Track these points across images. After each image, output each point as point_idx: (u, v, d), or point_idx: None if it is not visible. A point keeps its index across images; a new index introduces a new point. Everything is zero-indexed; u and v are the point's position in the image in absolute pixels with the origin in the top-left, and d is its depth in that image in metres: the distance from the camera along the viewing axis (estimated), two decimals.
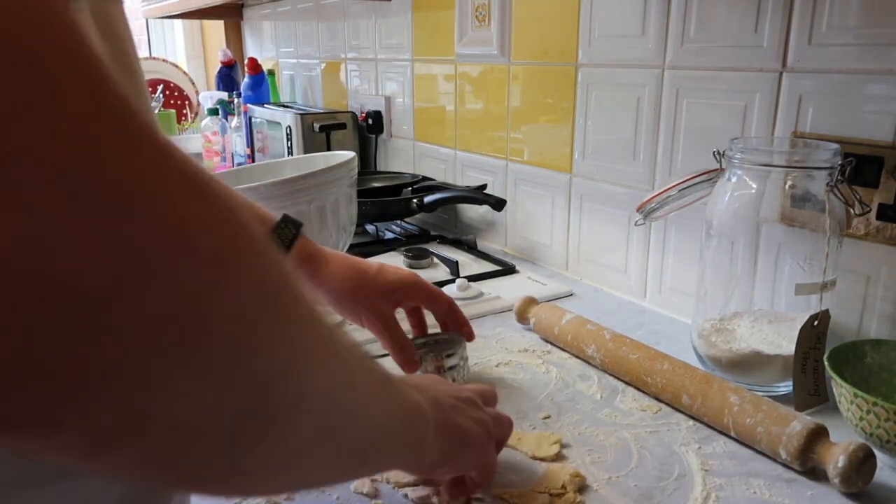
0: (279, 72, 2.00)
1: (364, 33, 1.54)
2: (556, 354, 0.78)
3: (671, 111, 0.86)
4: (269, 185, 0.81)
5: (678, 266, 0.89)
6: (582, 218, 1.03)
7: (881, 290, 0.69)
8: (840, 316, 0.71)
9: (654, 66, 0.87)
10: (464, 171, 1.28)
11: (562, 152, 1.04)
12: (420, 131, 1.41)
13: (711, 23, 0.79)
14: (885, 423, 0.54)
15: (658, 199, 0.77)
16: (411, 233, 1.25)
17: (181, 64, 2.82)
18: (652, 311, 0.92)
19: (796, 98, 0.72)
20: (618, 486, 0.54)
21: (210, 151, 1.84)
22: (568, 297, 0.97)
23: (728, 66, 0.79)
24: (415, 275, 0.70)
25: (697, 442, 0.60)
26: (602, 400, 0.68)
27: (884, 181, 0.66)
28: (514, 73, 1.12)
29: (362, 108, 1.55)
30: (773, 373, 0.67)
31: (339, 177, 0.87)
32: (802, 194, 0.67)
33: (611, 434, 0.61)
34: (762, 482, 0.55)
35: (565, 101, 1.02)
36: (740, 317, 0.72)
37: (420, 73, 1.37)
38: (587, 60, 0.97)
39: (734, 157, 0.67)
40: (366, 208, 1.16)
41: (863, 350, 0.64)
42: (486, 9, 1.13)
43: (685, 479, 0.55)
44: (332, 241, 0.89)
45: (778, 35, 0.73)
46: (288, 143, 1.56)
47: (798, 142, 0.72)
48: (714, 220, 0.70)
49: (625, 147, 0.93)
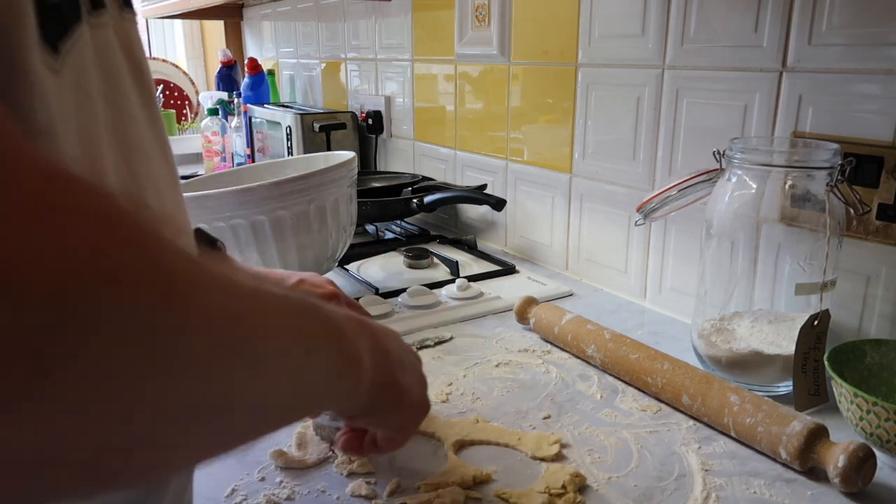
0: (279, 72, 2.00)
1: (364, 33, 1.54)
2: (556, 354, 0.78)
3: (671, 111, 0.86)
4: (270, 185, 0.81)
5: (678, 266, 0.89)
6: (582, 218, 1.03)
7: (881, 290, 0.69)
8: (840, 316, 0.71)
9: (654, 66, 0.87)
10: (464, 171, 1.28)
11: (562, 152, 1.04)
12: (420, 131, 1.41)
13: (711, 23, 0.79)
14: (885, 423, 0.54)
15: (658, 199, 0.77)
16: (411, 233, 1.25)
17: (181, 64, 2.82)
18: (652, 311, 0.92)
19: (796, 98, 0.72)
20: (618, 486, 0.54)
21: (210, 151, 1.84)
22: (568, 297, 0.97)
23: (728, 66, 0.79)
24: (324, 287, 0.65)
25: (697, 442, 0.60)
26: (602, 400, 0.68)
27: (884, 181, 0.66)
28: (514, 73, 1.12)
29: (362, 108, 1.55)
30: (773, 373, 0.67)
31: (339, 177, 0.87)
32: (802, 194, 0.67)
33: (611, 434, 0.61)
34: (762, 482, 0.55)
35: (565, 101, 1.02)
36: (740, 317, 0.72)
37: (420, 73, 1.37)
38: (587, 60, 0.97)
39: (734, 156, 0.67)
40: (366, 208, 1.16)
41: (863, 350, 0.64)
42: (486, 9, 1.13)
43: (685, 479, 0.55)
44: (332, 240, 0.89)
45: (778, 35, 0.73)
46: (288, 143, 1.56)
47: (798, 142, 0.72)
48: (714, 220, 0.70)
49: (625, 147, 0.93)
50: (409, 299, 0.90)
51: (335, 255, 0.92)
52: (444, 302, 0.92)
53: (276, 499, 0.53)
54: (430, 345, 0.80)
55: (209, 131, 1.83)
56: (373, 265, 1.09)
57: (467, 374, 0.73)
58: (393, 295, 0.94)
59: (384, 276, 1.04)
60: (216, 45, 2.56)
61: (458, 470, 0.56)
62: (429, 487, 0.54)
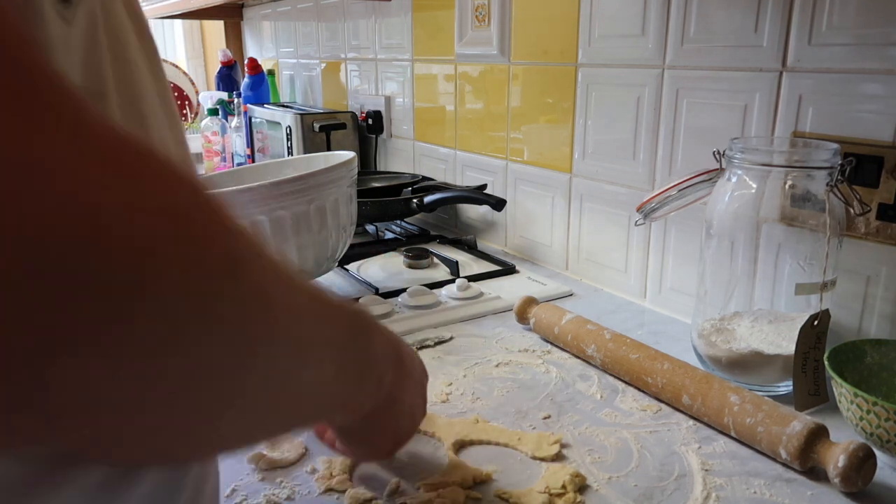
0: (279, 72, 2.00)
1: (364, 33, 1.54)
2: (556, 354, 0.78)
3: (671, 111, 0.86)
4: (270, 185, 0.81)
5: (678, 266, 0.89)
6: (582, 218, 1.03)
7: (881, 290, 0.69)
8: (840, 316, 0.71)
9: (654, 66, 0.87)
10: (464, 171, 1.28)
11: (562, 152, 1.04)
12: (420, 131, 1.41)
13: (711, 23, 0.79)
14: (885, 423, 0.54)
15: (658, 199, 0.77)
16: (411, 233, 1.25)
17: (181, 64, 2.82)
18: (652, 311, 0.92)
19: (796, 98, 0.72)
20: (618, 486, 0.54)
21: (210, 151, 1.84)
22: (568, 297, 0.97)
23: (728, 66, 0.78)
24: None
25: (697, 442, 0.60)
26: (602, 400, 0.68)
27: (884, 181, 0.66)
28: (514, 73, 1.12)
29: (362, 108, 1.55)
30: (773, 373, 0.67)
31: (339, 177, 0.87)
32: (802, 194, 0.67)
33: (611, 434, 0.61)
34: (762, 482, 0.55)
35: (565, 101, 1.02)
36: (740, 317, 0.72)
37: (420, 73, 1.37)
38: (587, 60, 0.97)
39: (734, 156, 0.67)
40: (366, 208, 1.16)
41: (863, 350, 0.64)
42: (486, 9, 1.13)
43: (685, 479, 0.55)
44: (332, 241, 0.89)
45: (778, 35, 0.73)
46: (288, 143, 1.56)
47: (798, 141, 0.72)
48: (714, 220, 0.70)
49: (625, 147, 0.93)
50: (409, 299, 0.90)
51: (335, 255, 0.92)
52: (444, 302, 0.92)
53: (276, 499, 0.53)
54: (430, 345, 0.80)
55: (209, 131, 1.83)
56: (373, 265, 1.09)
57: (467, 374, 0.73)
58: (393, 295, 0.94)
59: (384, 276, 1.04)
60: (216, 45, 2.56)
61: (458, 470, 0.56)
62: (429, 488, 0.54)
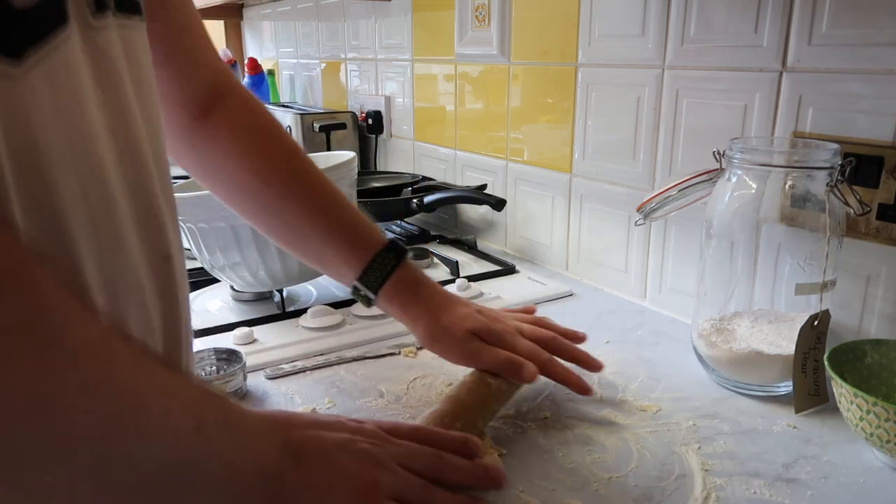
0: (279, 72, 2.00)
1: (364, 33, 1.54)
2: None
3: (671, 111, 0.86)
4: None
5: (678, 266, 0.89)
6: (582, 218, 1.03)
7: (881, 290, 0.69)
8: (840, 316, 0.71)
9: (654, 66, 0.87)
10: (464, 171, 1.28)
11: (562, 152, 1.04)
12: (420, 131, 1.41)
13: (711, 23, 0.79)
14: (885, 423, 0.54)
15: (658, 199, 0.77)
16: (411, 233, 1.25)
17: None
18: (652, 311, 0.92)
19: (796, 98, 0.72)
20: (618, 486, 0.54)
21: None
22: (568, 297, 0.97)
23: (728, 66, 0.79)
24: (496, 320, 0.66)
25: (697, 442, 0.60)
26: (602, 400, 0.68)
27: (884, 181, 0.66)
28: (514, 73, 1.12)
29: (362, 108, 1.55)
30: (773, 373, 0.67)
31: (339, 177, 0.87)
32: (802, 194, 0.67)
33: (611, 434, 0.61)
34: (762, 482, 0.55)
35: (565, 101, 1.02)
36: (740, 317, 0.72)
37: (420, 73, 1.37)
38: (587, 60, 0.97)
39: (734, 157, 0.67)
40: (366, 208, 1.16)
41: (863, 350, 0.64)
42: (486, 9, 1.13)
43: (685, 479, 0.55)
44: None
45: (778, 35, 0.73)
46: None
47: (798, 142, 0.72)
48: (714, 220, 0.71)
49: (625, 147, 0.93)
50: None
51: None
52: None
53: None
54: None
55: None
56: None
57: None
58: None
59: None
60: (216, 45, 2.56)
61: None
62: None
